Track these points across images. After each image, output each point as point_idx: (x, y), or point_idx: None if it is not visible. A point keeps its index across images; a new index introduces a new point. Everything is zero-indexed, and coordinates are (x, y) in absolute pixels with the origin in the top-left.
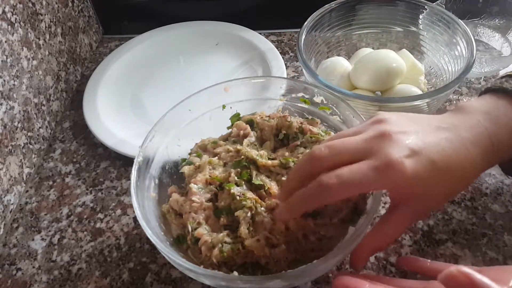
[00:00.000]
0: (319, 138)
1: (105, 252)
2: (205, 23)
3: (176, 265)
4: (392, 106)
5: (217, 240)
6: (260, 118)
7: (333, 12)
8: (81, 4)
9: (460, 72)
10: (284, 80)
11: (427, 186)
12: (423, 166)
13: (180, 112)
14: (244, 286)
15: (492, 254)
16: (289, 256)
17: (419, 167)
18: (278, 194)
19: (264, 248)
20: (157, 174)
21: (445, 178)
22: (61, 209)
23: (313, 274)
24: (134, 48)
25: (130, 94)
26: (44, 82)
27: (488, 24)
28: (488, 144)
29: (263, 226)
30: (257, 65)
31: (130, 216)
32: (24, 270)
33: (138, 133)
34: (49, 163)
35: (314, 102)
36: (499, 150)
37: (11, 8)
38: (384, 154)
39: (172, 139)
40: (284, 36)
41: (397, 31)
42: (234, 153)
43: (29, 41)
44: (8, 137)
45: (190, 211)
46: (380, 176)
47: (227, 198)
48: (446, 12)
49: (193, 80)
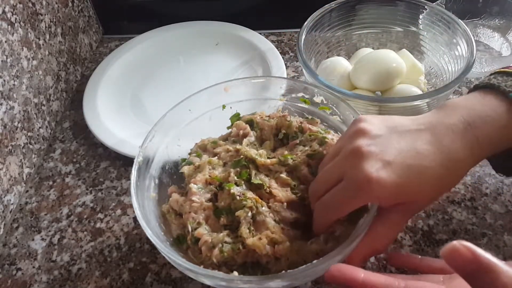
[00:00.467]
0: (318, 136)
1: (105, 252)
2: (205, 23)
3: (176, 265)
4: (392, 106)
5: (217, 240)
6: (260, 118)
7: (333, 12)
8: (81, 4)
9: (460, 72)
10: (284, 80)
11: (412, 192)
12: (399, 174)
13: (180, 112)
14: (244, 286)
15: (492, 254)
16: (291, 256)
17: (396, 176)
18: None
19: (266, 247)
20: (157, 174)
21: (428, 179)
22: (61, 209)
23: (313, 274)
24: (134, 48)
25: (130, 94)
26: (44, 82)
27: (488, 24)
28: (472, 139)
29: (264, 226)
30: (257, 65)
31: (130, 216)
32: (24, 270)
33: (138, 133)
34: (49, 163)
35: (314, 102)
36: (486, 144)
37: (11, 8)
38: (355, 174)
39: (172, 139)
40: (284, 36)
41: (397, 31)
42: (234, 152)
43: (29, 41)
44: (8, 137)
45: (190, 211)
46: (357, 194)
47: (227, 198)
48: (446, 12)
49: (193, 80)
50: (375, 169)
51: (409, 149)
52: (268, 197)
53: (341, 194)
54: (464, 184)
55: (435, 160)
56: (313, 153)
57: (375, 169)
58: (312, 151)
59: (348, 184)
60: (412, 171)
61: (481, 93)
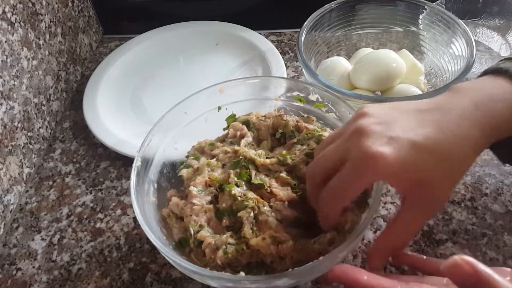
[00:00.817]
0: (314, 134)
1: (105, 252)
2: (205, 23)
3: (181, 269)
4: None
5: (221, 242)
6: (256, 118)
7: (333, 12)
8: (81, 4)
9: (460, 72)
10: (280, 79)
11: (422, 171)
12: (405, 150)
13: (176, 115)
14: (251, 286)
15: (492, 254)
16: (295, 255)
17: (401, 151)
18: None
19: (270, 246)
20: (156, 179)
21: (439, 159)
22: (61, 209)
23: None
24: (134, 48)
25: (130, 94)
26: (44, 82)
27: (488, 24)
28: (482, 119)
29: (267, 225)
30: (257, 65)
31: (130, 216)
32: (24, 270)
33: (138, 133)
34: (49, 163)
35: (309, 101)
36: (496, 124)
37: (11, 8)
38: (359, 151)
39: (169, 142)
40: (284, 36)
41: (397, 31)
42: (232, 154)
43: (29, 41)
44: (8, 137)
45: (191, 214)
46: (362, 172)
47: (228, 199)
48: (446, 12)
49: (193, 80)
50: (379, 143)
51: (416, 126)
52: (269, 196)
53: (347, 175)
54: (464, 184)
55: (444, 139)
56: (312, 152)
57: (378, 144)
58: (310, 150)
59: (352, 163)
60: (420, 148)
61: (490, 77)
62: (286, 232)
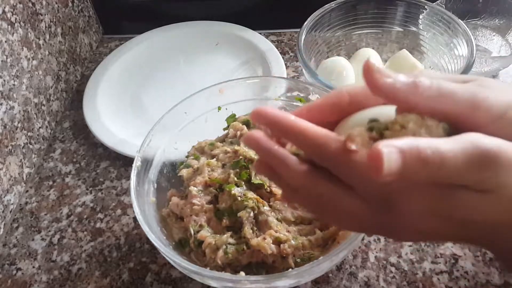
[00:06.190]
0: None
1: (105, 252)
2: (205, 23)
3: (181, 269)
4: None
5: (221, 242)
6: None
7: (333, 12)
8: (81, 4)
9: (460, 72)
10: (280, 80)
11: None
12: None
13: (176, 115)
14: (251, 286)
15: (492, 254)
16: (297, 253)
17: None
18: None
19: (271, 246)
20: (155, 179)
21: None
22: (61, 209)
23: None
24: (134, 48)
25: (130, 94)
26: (44, 82)
27: (488, 24)
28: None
29: (267, 225)
30: (257, 65)
31: (130, 216)
32: (24, 270)
33: (138, 133)
34: (49, 163)
35: (309, 101)
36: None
37: (11, 8)
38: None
39: (168, 142)
40: (284, 36)
41: (397, 31)
42: (232, 154)
43: (29, 41)
44: (8, 137)
45: (191, 214)
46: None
47: (228, 199)
48: (446, 12)
49: (193, 80)
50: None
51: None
52: (268, 196)
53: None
54: None
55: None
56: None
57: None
58: None
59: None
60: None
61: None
62: (287, 231)
